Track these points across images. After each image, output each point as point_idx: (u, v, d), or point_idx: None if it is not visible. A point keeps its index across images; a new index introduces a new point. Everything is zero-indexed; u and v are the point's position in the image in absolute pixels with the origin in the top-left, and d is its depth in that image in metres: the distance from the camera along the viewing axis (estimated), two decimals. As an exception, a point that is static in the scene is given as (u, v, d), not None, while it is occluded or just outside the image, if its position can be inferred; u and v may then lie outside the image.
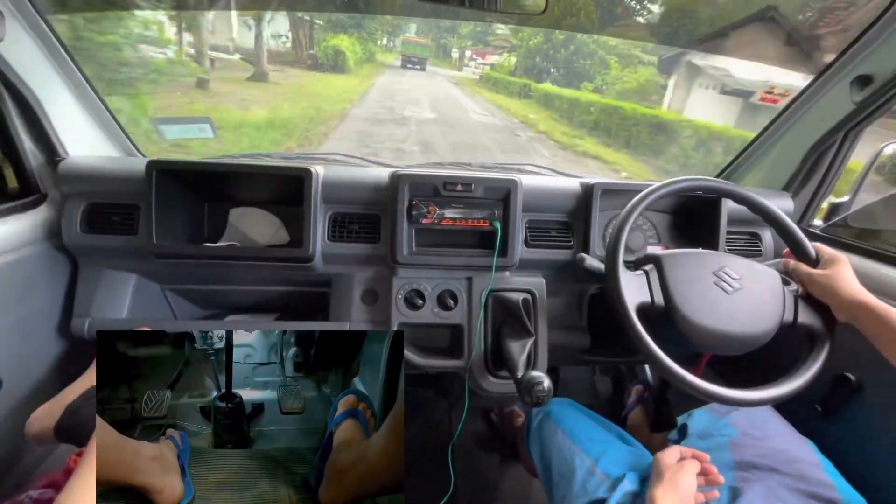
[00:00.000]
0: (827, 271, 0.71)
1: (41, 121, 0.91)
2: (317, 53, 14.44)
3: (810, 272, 0.73)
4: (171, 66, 7.75)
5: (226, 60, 10.53)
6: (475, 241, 0.99)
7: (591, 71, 16.44)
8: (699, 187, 0.82)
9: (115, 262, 0.98)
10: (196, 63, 8.83)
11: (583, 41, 16.83)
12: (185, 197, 0.96)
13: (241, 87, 9.25)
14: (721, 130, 8.62)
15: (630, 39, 17.32)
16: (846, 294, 0.68)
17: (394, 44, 26.69)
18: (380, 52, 21.82)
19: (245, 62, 10.71)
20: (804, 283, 0.75)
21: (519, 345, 0.88)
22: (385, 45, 25.65)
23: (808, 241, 0.76)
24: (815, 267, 0.74)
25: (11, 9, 0.81)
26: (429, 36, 27.24)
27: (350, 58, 15.02)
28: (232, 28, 11.19)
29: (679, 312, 0.72)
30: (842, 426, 0.89)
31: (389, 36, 26.61)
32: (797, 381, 0.70)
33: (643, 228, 1.07)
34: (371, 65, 19.00)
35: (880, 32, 0.86)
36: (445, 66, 28.41)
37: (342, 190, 0.96)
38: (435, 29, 28.00)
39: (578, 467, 0.77)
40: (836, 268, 0.71)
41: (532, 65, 18.88)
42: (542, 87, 15.53)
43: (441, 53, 31.26)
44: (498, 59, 23.90)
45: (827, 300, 0.72)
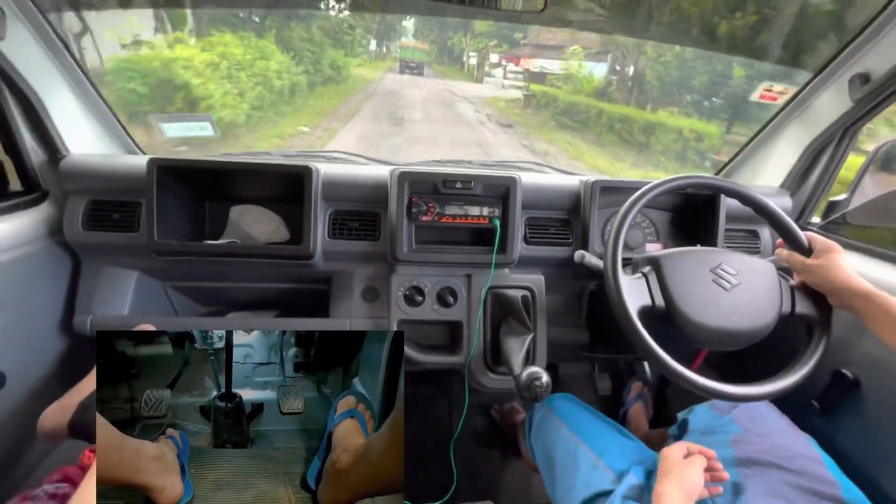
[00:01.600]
0: (820, 260, 0.72)
1: (42, 118, 0.91)
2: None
3: (804, 261, 0.74)
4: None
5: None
6: (475, 239, 1.00)
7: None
8: (692, 184, 0.82)
9: (116, 259, 0.98)
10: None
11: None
12: (186, 194, 0.96)
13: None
14: None
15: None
16: (840, 281, 0.69)
17: (388, 49, 22.47)
18: (362, 65, 14.94)
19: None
20: (798, 272, 0.76)
21: (518, 341, 0.88)
22: (375, 51, 21.52)
23: (800, 231, 0.77)
24: (808, 256, 0.74)
25: (13, 7, 0.80)
26: (428, 38, 23.55)
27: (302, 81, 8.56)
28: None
29: (680, 313, 0.73)
30: (839, 422, 0.89)
31: (381, 39, 21.77)
32: (798, 374, 0.70)
33: (642, 226, 1.07)
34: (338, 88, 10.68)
35: (879, 30, 0.86)
36: (457, 76, 20.73)
37: (342, 187, 0.96)
38: (437, 29, 21.81)
39: (582, 460, 0.78)
40: (829, 256, 0.71)
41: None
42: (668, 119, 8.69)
43: (447, 58, 24.25)
44: (560, 63, 13.41)
45: (822, 288, 0.72)
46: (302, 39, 9.37)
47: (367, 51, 20.29)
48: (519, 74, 16.35)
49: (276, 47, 7.84)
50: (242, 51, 6.56)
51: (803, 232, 0.77)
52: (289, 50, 8.67)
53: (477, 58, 20.51)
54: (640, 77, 11.05)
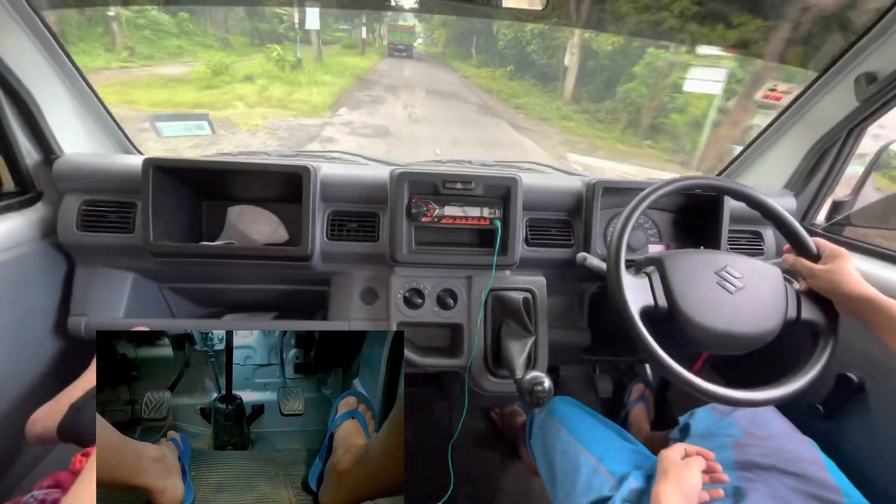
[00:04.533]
0: (828, 266, 0.71)
1: (36, 118, 0.90)
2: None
3: (812, 267, 0.73)
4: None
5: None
6: (475, 240, 0.99)
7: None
8: (698, 185, 0.81)
9: (111, 261, 0.97)
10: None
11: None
12: (182, 195, 0.95)
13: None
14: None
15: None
16: (848, 288, 0.68)
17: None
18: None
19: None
20: (806, 278, 0.75)
21: (519, 344, 0.87)
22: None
23: (808, 237, 0.76)
24: (816, 262, 0.74)
25: (6, 6, 0.80)
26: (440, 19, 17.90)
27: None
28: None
29: (683, 314, 0.72)
30: (843, 426, 0.89)
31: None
32: (802, 380, 0.69)
33: (645, 227, 1.06)
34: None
35: (885, 29, 0.85)
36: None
37: (341, 188, 0.96)
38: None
39: (583, 465, 0.77)
40: (838, 262, 0.71)
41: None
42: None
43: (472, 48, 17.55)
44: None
45: (829, 295, 0.72)
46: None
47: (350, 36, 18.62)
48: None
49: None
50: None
51: (812, 238, 0.76)
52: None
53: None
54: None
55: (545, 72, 14.41)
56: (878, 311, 0.64)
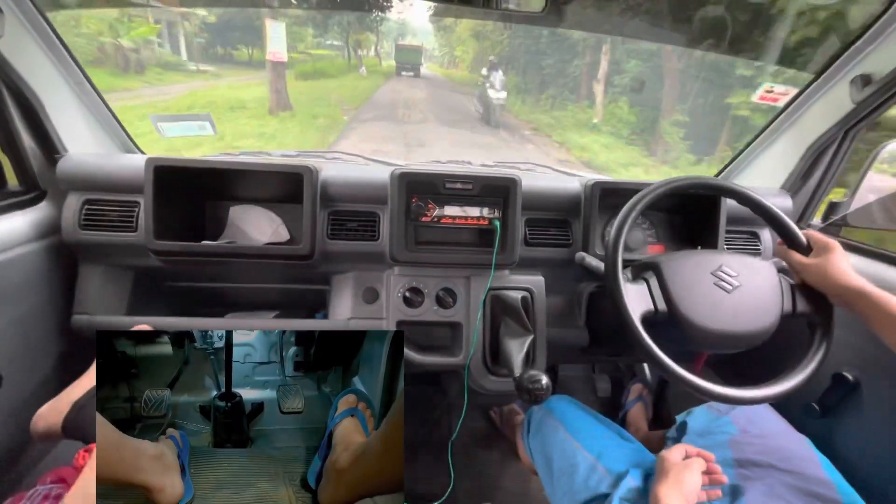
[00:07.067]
0: (819, 259, 0.72)
1: (40, 117, 0.91)
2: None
3: (802, 260, 0.74)
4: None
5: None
6: (474, 240, 1.00)
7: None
8: (692, 185, 0.82)
9: (114, 260, 0.97)
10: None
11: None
12: (184, 194, 0.95)
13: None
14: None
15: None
16: (840, 280, 0.69)
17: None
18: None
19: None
20: (797, 271, 0.76)
21: (517, 343, 0.88)
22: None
23: (798, 230, 0.77)
24: (807, 255, 0.74)
25: (11, 5, 0.80)
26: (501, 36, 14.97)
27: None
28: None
29: (683, 317, 0.73)
30: (839, 424, 0.89)
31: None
32: (801, 375, 0.70)
33: (642, 227, 1.07)
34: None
35: (880, 31, 0.86)
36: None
37: (341, 188, 0.96)
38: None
39: (581, 463, 0.78)
40: (828, 254, 0.71)
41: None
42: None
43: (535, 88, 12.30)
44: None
45: (821, 287, 0.72)
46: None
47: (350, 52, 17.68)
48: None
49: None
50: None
51: (802, 230, 0.77)
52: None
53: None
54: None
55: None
56: (870, 302, 0.65)
